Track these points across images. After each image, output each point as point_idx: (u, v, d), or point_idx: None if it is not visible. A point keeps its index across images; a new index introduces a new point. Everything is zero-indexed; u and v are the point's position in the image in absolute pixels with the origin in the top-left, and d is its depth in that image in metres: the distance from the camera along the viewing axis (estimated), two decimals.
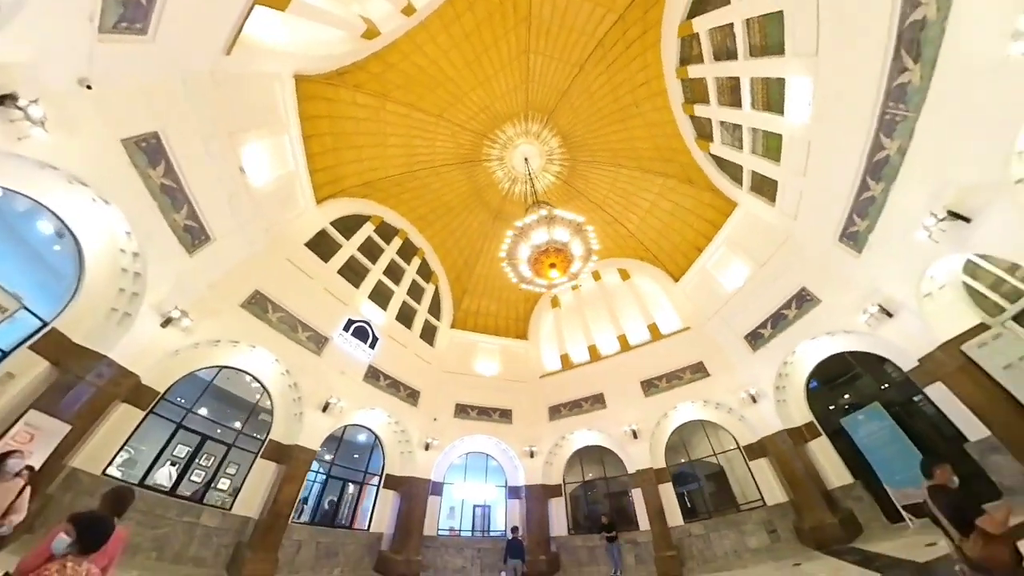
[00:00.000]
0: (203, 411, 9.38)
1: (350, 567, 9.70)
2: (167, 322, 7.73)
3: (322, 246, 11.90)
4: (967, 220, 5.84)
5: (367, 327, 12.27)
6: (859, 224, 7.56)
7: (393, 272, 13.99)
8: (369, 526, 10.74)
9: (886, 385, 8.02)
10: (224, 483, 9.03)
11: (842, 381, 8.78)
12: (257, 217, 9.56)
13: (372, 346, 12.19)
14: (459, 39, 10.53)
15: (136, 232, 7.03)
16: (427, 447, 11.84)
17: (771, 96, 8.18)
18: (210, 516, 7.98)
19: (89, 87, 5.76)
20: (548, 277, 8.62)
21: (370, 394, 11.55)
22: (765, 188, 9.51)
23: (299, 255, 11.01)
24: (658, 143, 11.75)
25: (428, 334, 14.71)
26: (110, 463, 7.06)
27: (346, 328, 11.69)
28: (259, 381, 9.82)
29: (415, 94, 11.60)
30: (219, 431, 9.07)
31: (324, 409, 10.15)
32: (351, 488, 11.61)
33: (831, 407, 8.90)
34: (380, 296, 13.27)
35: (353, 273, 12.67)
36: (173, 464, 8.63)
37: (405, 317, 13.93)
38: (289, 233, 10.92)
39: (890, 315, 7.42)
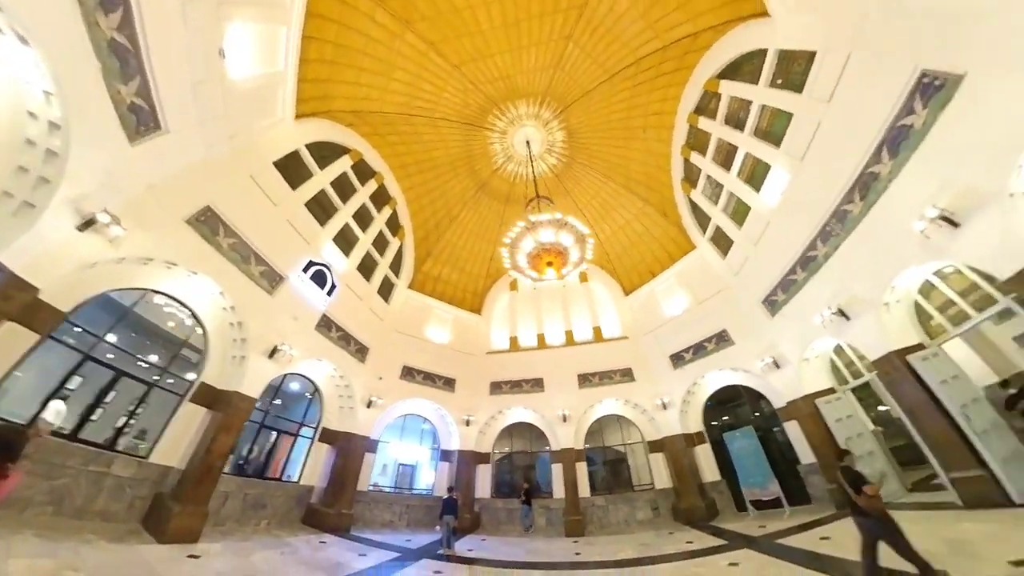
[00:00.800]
0: (113, 339, 7.64)
1: (278, 519, 9.55)
2: (87, 224, 6.17)
3: (291, 170, 10.58)
4: (847, 318, 8.17)
5: (326, 271, 11.51)
6: (779, 296, 9.79)
7: (362, 218, 13.15)
8: (300, 479, 10.60)
9: (758, 414, 10.80)
10: (138, 428, 7.88)
11: (730, 405, 11.50)
12: (225, 117, 8.01)
13: (329, 293, 11.52)
14: None
15: (60, 94, 5.34)
16: (369, 404, 11.94)
17: (756, 173, 9.79)
18: (123, 465, 6.97)
19: None
20: (542, 272, 9.26)
21: (320, 344, 11.05)
22: (722, 242, 11.42)
23: (265, 175, 9.71)
24: (649, 171, 12.93)
25: (385, 290, 14.33)
26: None
27: (305, 270, 10.83)
28: (194, 314, 8.53)
29: (440, 34, 10.64)
30: (138, 367, 7.73)
31: (271, 355, 9.40)
32: (280, 439, 11.14)
33: (714, 423, 11.63)
34: (344, 241, 12.42)
35: (321, 209, 11.60)
36: (65, 400, 6.67)
37: (366, 268, 13.32)
38: (257, 146, 9.47)
39: (778, 366, 9.94)
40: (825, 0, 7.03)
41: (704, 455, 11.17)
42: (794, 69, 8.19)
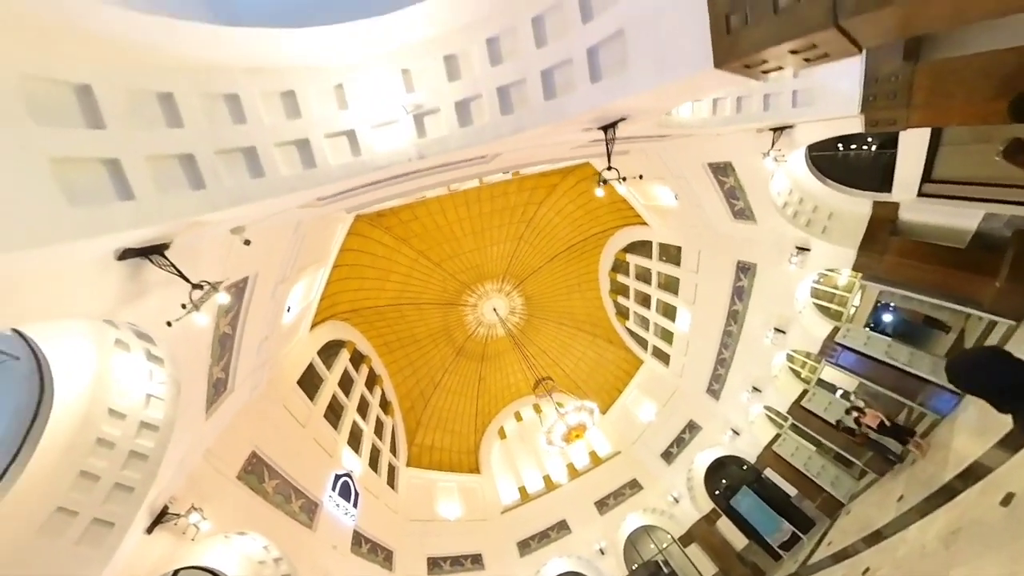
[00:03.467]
0: None
1: None
2: (158, 521, 5.58)
3: (308, 383, 11.26)
4: (760, 390, 12.74)
5: (349, 481, 11.28)
6: (715, 385, 14.17)
7: (362, 408, 13.48)
8: None
9: (745, 469, 14.00)
10: None
11: (721, 474, 14.52)
12: (270, 359, 8.78)
13: (355, 504, 11.05)
14: (476, 215, 13.85)
15: (174, 396, 5.17)
16: None
17: (668, 310, 14.89)
18: None
19: None
20: (571, 443, 11.60)
21: (357, 566, 10.30)
22: (661, 355, 15.89)
23: (291, 398, 10.40)
24: (590, 313, 17.39)
25: (391, 477, 14.03)
26: None
27: (333, 487, 10.56)
28: None
29: (427, 244, 13.82)
30: None
31: None
32: None
33: (716, 491, 14.34)
34: (355, 439, 12.59)
35: (334, 414, 12.02)
36: None
37: (374, 462, 13.31)
38: (283, 370, 10.17)
39: (738, 433, 13.78)
40: (676, 223, 12.86)
41: (726, 527, 13.41)
42: (672, 251, 13.91)
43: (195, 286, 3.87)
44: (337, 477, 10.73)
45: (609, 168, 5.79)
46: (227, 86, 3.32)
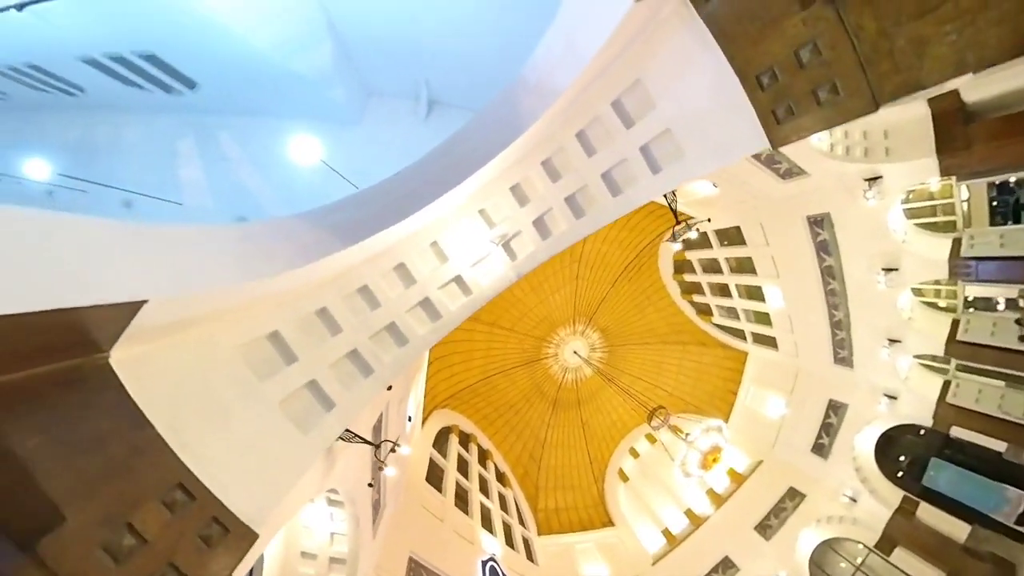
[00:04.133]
0: None
1: None
2: None
3: (433, 477, 11.48)
4: (900, 340, 11.15)
5: (495, 565, 11.05)
6: (842, 352, 12.64)
7: (483, 487, 13.46)
8: None
9: (922, 432, 11.73)
10: None
11: (896, 451, 12.33)
12: (403, 466, 9.56)
13: None
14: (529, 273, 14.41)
15: (349, 522, 5.95)
16: None
17: (752, 292, 14.03)
18: None
19: None
20: (709, 469, 10.66)
21: None
22: (766, 340, 14.65)
23: (425, 496, 10.82)
24: (670, 323, 16.76)
25: (528, 550, 13.45)
26: None
27: (483, 574, 10.39)
28: None
29: (494, 315, 14.50)
30: None
31: None
32: None
33: (899, 474, 12.05)
34: (486, 520, 12.37)
35: (461, 501, 12.05)
36: None
37: (509, 538, 12.91)
38: (413, 471, 10.73)
39: (894, 398, 11.87)
40: (724, 205, 12.59)
41: (932, 516, 11.03)
42: (731, 233, 13.46)
43: (377, 446, 4.72)
44: (484, 563, 10.66)
45: (678, 223, 6.40)
46: (357, 281, 4.21)
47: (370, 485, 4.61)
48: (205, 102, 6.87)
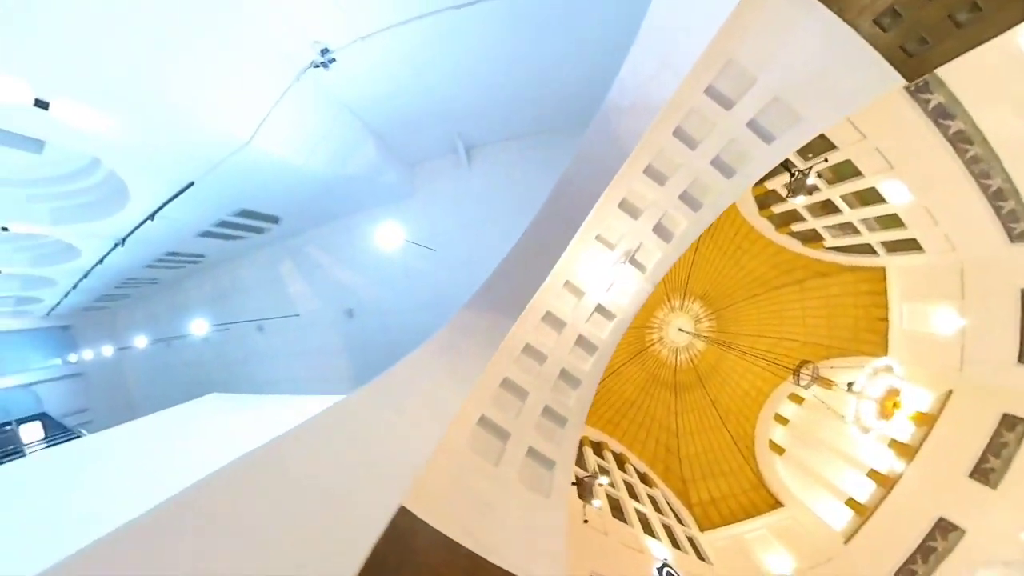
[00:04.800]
0: None
1: None
2: None
3: (582, 492, 11.02)
4: None
5: (671, 570, 10.33)
6: (1015, 226, 10.11)
7: (631, 492, 12.76)
8: None
9: None
10: None
11: None
12: None
13: None
14: None
15: None
16: None
17: (866, 198, 11.96)
18: None
19: None
20: (891, 417, 8.95)
21: None
22: (905, 244, 12.31)
23: (585, 512, 10.02)
24: (775, 263, 14.91)
25: (696, 549, 12.44)
26: None
27: None
28: None
29: None
30: None
31: None
32: None
33: None
34: (647, 526, 11.66)
35: (617, 511, 11.43)
36: None
37: (673, 539, 12.04)
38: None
39: None
40: None
41: None
42: (813, 144, 11.64)
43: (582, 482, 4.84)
44: (659, 570, 10.10)
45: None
46: (519, 343, 4.43)
47: (585, 522, 4.76)
48: (289, 228, 7.87)
